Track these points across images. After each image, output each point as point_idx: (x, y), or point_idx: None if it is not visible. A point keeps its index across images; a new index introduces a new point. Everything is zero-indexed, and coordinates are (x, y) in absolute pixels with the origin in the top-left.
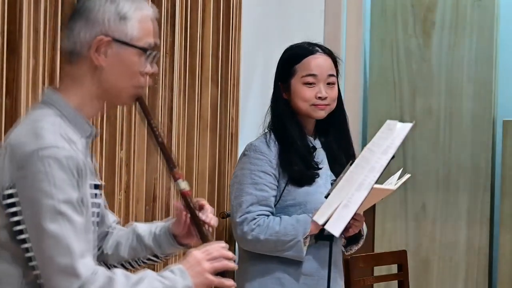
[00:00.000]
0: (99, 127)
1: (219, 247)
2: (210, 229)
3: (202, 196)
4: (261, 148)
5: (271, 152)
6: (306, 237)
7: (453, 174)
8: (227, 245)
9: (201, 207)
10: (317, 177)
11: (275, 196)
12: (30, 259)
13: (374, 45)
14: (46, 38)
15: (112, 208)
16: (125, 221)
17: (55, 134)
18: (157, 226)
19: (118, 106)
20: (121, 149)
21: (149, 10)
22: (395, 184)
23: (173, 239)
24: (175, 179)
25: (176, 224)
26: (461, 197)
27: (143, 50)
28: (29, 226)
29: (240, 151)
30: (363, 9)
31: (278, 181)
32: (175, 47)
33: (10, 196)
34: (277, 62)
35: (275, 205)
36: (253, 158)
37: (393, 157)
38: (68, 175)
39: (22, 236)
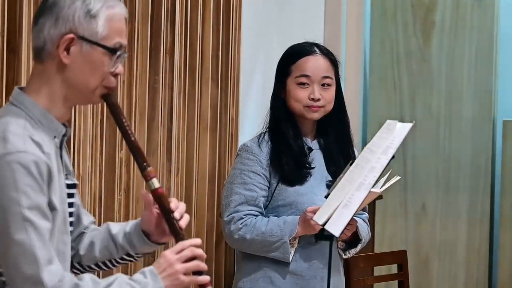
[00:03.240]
0: (99, 127)
1: (191, 247)
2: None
3: (202, 196)
4: (252, 149)
5: (262, 153)
6: (294, 239)
7: (453, 174)
8: (200, 242)
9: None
10: (309, 177)
11: (267, 196)
12: None
13: (374, 45)
14: None
15: (112, 208)
16: (125, 221)
17: (23, 137)
18: (129, 224)
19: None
20: (121, 149)
21: (120, 9)
22: (381, 187)
23: (145, 237)
24: (147, 180)
25: (146, 221)
26: (461, 197)
27: (112, 50)
28: None
29: None
30: (363, 9)
31: (269, 181)
32: (175, 47)
33: None
34: (277, 62)
35: (267, 205)
36: (244, 158)
37: (393, 157)
38: (36, 180)
39: None
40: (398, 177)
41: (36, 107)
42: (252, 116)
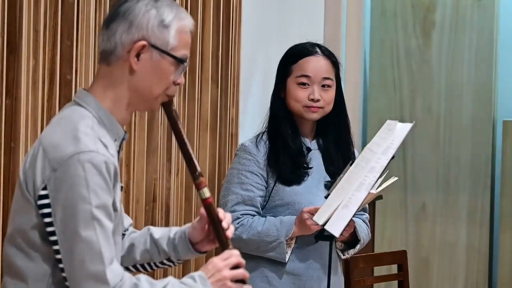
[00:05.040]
0: None
1: (237, 255)
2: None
3: None
4: (250, 149)
5: (260, 153)
6: (291, 239)
7: (453, 174)
8: (239, 253)
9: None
10: (307, 177)
11: (264, 196)
12: (59, 260)
13: (374, 45)
14: (46, 38)
15: None
16: None
17: (93, 138)
18: (174, 231)
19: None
20: (121, 149)
21: (189, 21)
22: (377, 188)
23: (191, 245)
24: (199, 188)
25: (197, 231)
26: (461, 197)
27: (180, 61)
28: (61, 229)
29: None
30: (363, 9)
31: (267, 181)
32: None
33: (45, 197)
34: (277, 62)
35: (264, 206)
36: (242, 158)
37: (393, 157)
38: (104, 180)
39: (54, 238)
40: (395, 178)
41: (101, 108)
42: (252, 116)
